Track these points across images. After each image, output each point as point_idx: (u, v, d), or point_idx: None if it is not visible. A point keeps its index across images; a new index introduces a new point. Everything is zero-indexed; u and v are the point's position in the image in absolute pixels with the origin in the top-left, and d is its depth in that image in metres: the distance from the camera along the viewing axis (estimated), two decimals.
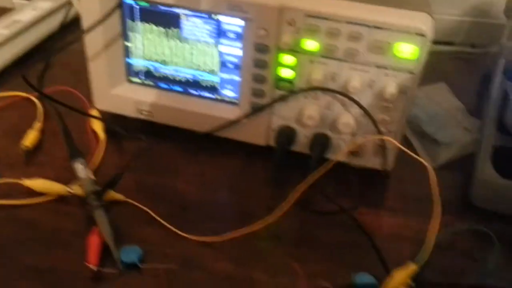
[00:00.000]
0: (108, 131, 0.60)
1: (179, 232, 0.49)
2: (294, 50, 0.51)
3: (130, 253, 0.46)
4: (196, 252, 0.47)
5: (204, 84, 0.57)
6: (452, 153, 0.61)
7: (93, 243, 0.46)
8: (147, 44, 0.56)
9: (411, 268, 0.43)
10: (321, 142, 0.54)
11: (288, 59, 0.52)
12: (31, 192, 0.51)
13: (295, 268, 0.46)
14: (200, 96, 0.58)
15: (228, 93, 0.57)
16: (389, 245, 0.50)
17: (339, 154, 0.51)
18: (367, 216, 0.52)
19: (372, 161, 0.54)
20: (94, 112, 0.61)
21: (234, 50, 0.54)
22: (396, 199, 0.55)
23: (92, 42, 0.55)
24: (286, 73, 0.52)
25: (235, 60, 0.55)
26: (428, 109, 0.67)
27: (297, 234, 0.50)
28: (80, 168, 0.51)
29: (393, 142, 0.50)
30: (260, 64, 0.52)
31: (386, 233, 0.51)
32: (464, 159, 0.60)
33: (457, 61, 0.77)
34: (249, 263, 0.47)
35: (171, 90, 0.59)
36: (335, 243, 0.50)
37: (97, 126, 0.60)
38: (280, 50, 0.51)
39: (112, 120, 0.60)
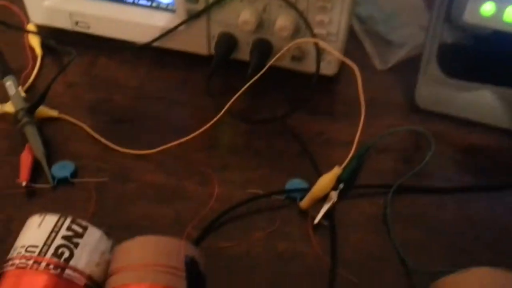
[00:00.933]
0: (45, 46, 0.58)
1: (113, 146, 0.48)
2: None
3: (62, 169, 0.46)
4: (130, 165, 0.47)
5: None
6: (404, 53, 0.58)
7: (25, 159, 0.46)
8: None
9: (335, 171, 0.43)
10: (260, 48, 0.52)
11: None
12: None
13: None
14: (135, 4, 0.55)
15: None
16: (327, 151, 0.49)
17: (275, 59, 0.48)
18: (306, 123, 0.51)
19: (314, 66, 0.52)
20: (30, 27, 0.58)
21: None
22: (340, 104, 0.54)
23: None
24: None
25: None
26: (385, 8, 0.63)
27: (232, 143, 0.50)
28: (9, 86, 0.50)
29: (322, 44, 0.47)
30: None
31: (324, 138, 0.50)
32: (417, 58, 0.57)
33: None
34: (181, 174, 0.47)
35: None
36: (271, 150, 0.49)
37: (34, 42, 0.58)
38: None
39: (50, 35, 0.58)
